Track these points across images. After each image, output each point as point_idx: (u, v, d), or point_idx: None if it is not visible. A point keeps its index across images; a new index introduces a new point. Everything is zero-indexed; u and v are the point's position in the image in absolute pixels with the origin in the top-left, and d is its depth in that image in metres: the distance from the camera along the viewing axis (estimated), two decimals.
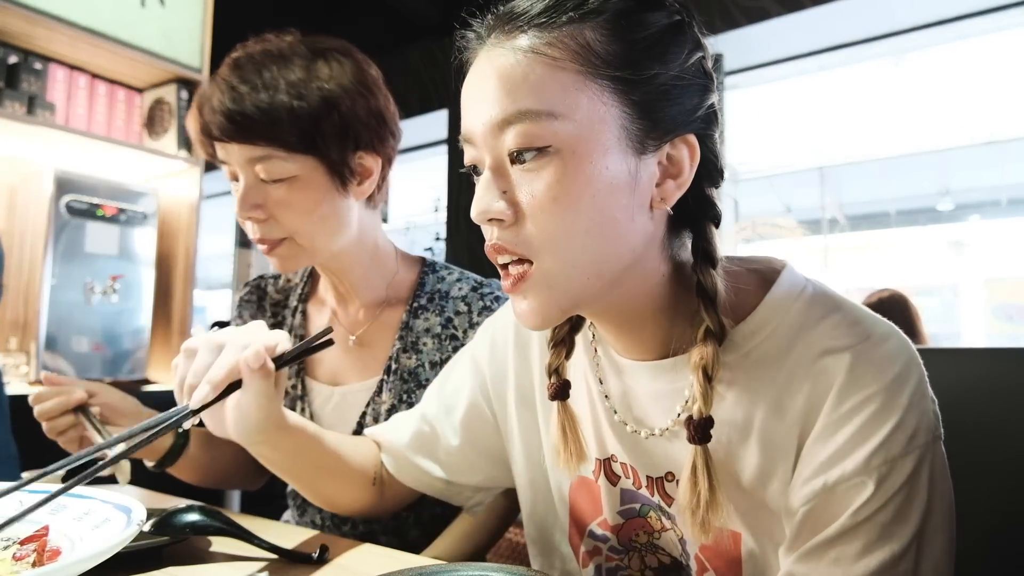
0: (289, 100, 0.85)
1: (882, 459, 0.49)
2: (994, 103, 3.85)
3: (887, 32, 2.92)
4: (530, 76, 0.52)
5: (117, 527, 0.56)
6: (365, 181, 0.94)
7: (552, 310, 0.55)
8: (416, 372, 0.99)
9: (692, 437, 0.54)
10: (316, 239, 0.91)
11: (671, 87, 0.53)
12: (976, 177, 4.87)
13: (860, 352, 0.52)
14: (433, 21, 3.84)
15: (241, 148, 0.86)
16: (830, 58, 3.13)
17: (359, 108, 0.90)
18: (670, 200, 0.55)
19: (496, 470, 0.82)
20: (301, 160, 0.87)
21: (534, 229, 0.53)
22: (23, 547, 0.54)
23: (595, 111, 0.51)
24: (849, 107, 4.06)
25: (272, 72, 0.86)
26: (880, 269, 5.32)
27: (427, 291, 1.02)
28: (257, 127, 0.84)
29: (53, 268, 2.01)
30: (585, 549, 0.72)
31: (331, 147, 0.88)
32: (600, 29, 0.52)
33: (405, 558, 0.72)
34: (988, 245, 5.04)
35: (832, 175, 4.94)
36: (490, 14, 0.57)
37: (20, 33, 1.98)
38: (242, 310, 1.13)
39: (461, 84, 0.59)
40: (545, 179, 0.52)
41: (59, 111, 2.07)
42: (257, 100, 0.84)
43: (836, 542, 0.50)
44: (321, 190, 0.89)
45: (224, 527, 0.70)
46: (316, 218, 0.89)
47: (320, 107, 0.86)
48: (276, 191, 0.87)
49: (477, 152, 0.56)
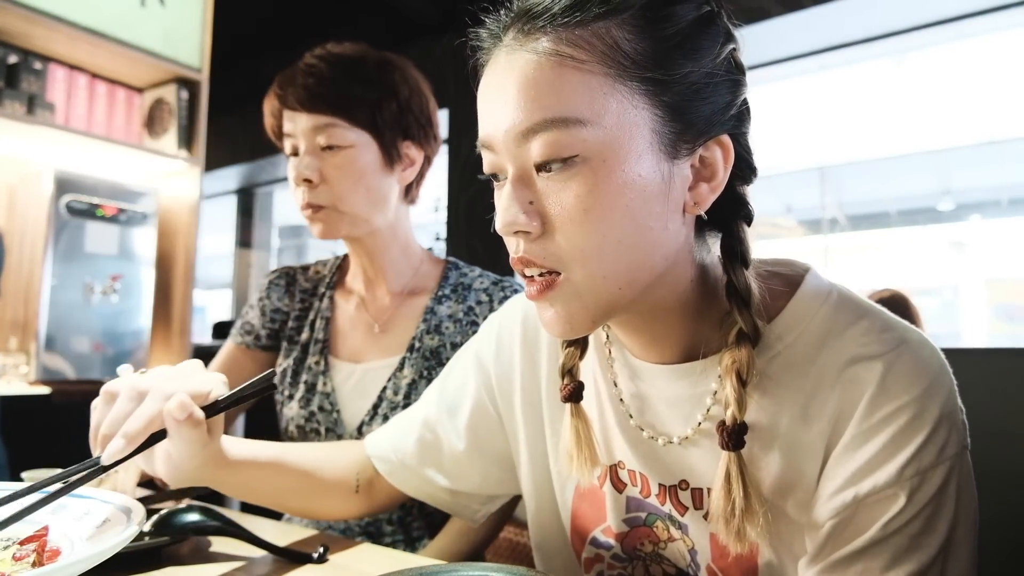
0: (358, 82, 1.00)
1: (914, 471, 0.49)
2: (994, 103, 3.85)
3: (887, 32, 2.92)
4: (555, 81, 0.49)
5: (117, 527, 0.56)
6: (408, 168, 1.07)
7: (582, 320, 0.53)
8: (438, 351, 1.06)
9: (725, 443, 0.52)
10: (357, 207, 1.01)
11: (703, 85, 0.51)
12: (976, 177, 4.87)
13: (892, 361, 0.51)
14: (433, 21, 3.83)
15: (309, 117, 0.99)
16: (830, 58, 3.13)
17: (413, 104, 1.05)
18: (704, 204, 0.53)
19: (503, 473, 0.78)
20: (358, 133, 1.00)
21: (564, 242, 0.50)
22: (23, 547, 0.54)
23: (625, 115, 0.49)
24: (849, 107, 4.05)
25: (348, 61, 1.02)
26: (880, 269, 5.32)
27: (451, 283, 1.12)
28: (330, 98, 0.99)
29: (53, 268, 2.01)
30: (586, 556, 0.70)
31: (386, 128, 1.02)
32: (627, 26, 0.49)
33: (405, 558, 0.72)
34: (989, 245, 5.03)
35: (832, 175, 4.93)
36: (505, 11, 0.54)
37: (20, 33, 1.98)
38: (270, 292, 1.18)
39: (475, 84, 0.57)
40: (574, 189, 0.49)
41: (59, 111, 2.07)
42: (333, 76, 0.99)
43: (863, 554, 0.49)
44: (372, 164, 1.01)
45: (224, 527, 0.70)
46: (362, 187, 1.01)
47: (383, 93, 1.02)
48: (333, 158, 1.00)
49: (498, 159, 0.53)
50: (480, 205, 3.61)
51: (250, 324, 1.17)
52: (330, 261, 1.24)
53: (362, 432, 1.05)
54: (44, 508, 0.61)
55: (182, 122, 2.29)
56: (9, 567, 0.52)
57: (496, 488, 0.79)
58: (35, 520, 0.59)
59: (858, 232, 5.47)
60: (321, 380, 1.10)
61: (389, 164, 1.04)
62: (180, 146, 2.29)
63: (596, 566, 0.70)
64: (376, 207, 1.04)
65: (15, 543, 0.55)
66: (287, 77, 1.02)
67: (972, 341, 5.07)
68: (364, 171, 1.01)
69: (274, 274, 1.22)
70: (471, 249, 3.63)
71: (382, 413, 1.04)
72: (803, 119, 4.13)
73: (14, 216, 2.13)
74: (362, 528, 1.05)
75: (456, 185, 3.73)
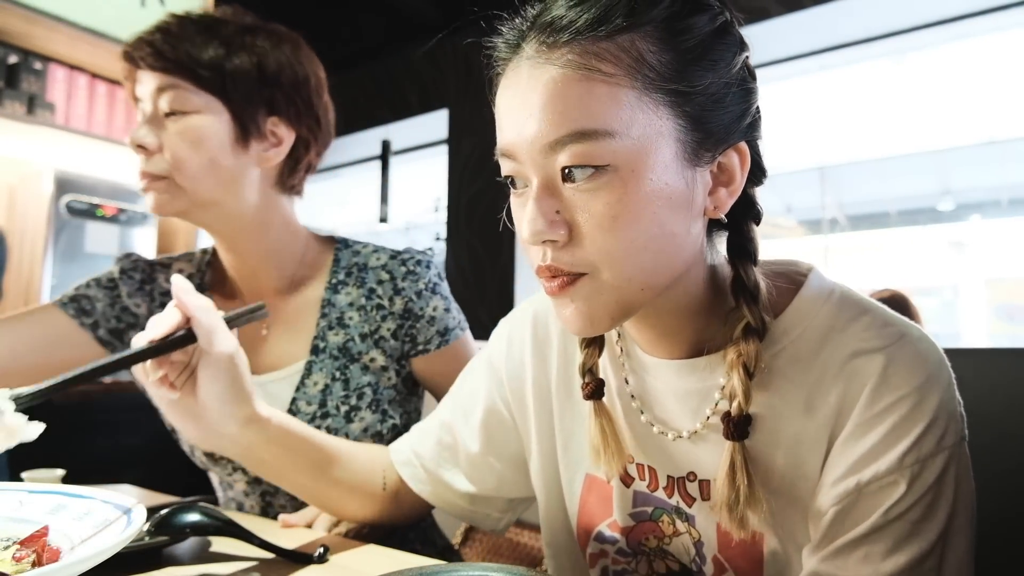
0: (209, 41, 0.88)
1: (914, 458, 0.50)
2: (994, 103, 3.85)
3: (887, 32, 2.92)
4: (584, 95, 0.49)
5: (117, 527, 0.56)
6: (272, 149, 0.93)
7: (602, 317, 0.54)
8: (347, 347, 0.96)
9: (730, 433, 0.55)
10: (197, 182, 0.88)
11: (722, 95, 0.53)
12: (976, 177, 4.86)
13: (892, 353, 0.53)
14: (433, 21, 3.83)
15: (154, 76, 0.88)
16: (830, 58, 3.13)
17: (283, 77, 0.92)
18: (723, 208, 0.55)
19: (518, 475, 0.78)
20: (207, 98, 0.88)
21: (592, 248, 0.52)
22: (23, 547, 0.54)
23: (651, 126, 0.50)
24: (849, 107, 4.05)
25: (207, 21, 0.90)
26: (880, 269, 5.32)
27: (343, 266, 1.00)
28: (172, 54, 0.87)
29: (53, 268, 2.01)
30: (591, 551, 0.71)
31: (241, 96, 0.89)
32: (650, 39, 0.50)
33: (405, 558, 0.72)
34: (989, 245, 5.03)
35: (832, 175, 4.93)
36: (521, 20, 0.55)
37: (20, 33, 1.98)
38: (122, 283, 1.00)
39: (490, 94, 0.57)
40: (603, 198, 0.50)
41: (59, 111, 2.07)
42: (180, 33, 0.88)
43: (865, 540, 0.51)
44: (219, 134, 0.89)
45: (224, 527, 0.70)
46: (204, 158, 0.88)
47: (241, 58, 0.89)
48: (174, 124, 0.88)
49: (520, 168, 0.54)
50: (480, 205, 3.61)
51: (90, 303, 0.97)
52: (196, 257, 1.06)
53: None
54: (44, 508, 0.62)
55: None
56: (9, 567, 0.52)
57: (512, 490, 0.79)
58: (35, 520, 0.59)
59: (858, 232, 5.47)
60: None
61: (244, 139, 0.90)
62: None
63: (601, 561, 0.70)
64: (222, 187, 0.90)
65: (15, 543, 0.55)
66: (138, 35, 0.90)
67: (972, 341, 5.07)
68: (206, 139, 0.87)
69: (126, 261, 1.03)
70: (471, 249, 3.63)
71: None
72: (803, 119, 4.13)
73: (14, 216, 2.14)
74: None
75: (456, 185, 3.73)
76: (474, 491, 0.78)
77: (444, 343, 0.98)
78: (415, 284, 0.97)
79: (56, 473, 0.93)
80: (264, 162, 0.93)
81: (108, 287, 1.00)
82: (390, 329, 0.96)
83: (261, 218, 0.95)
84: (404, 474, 0.81)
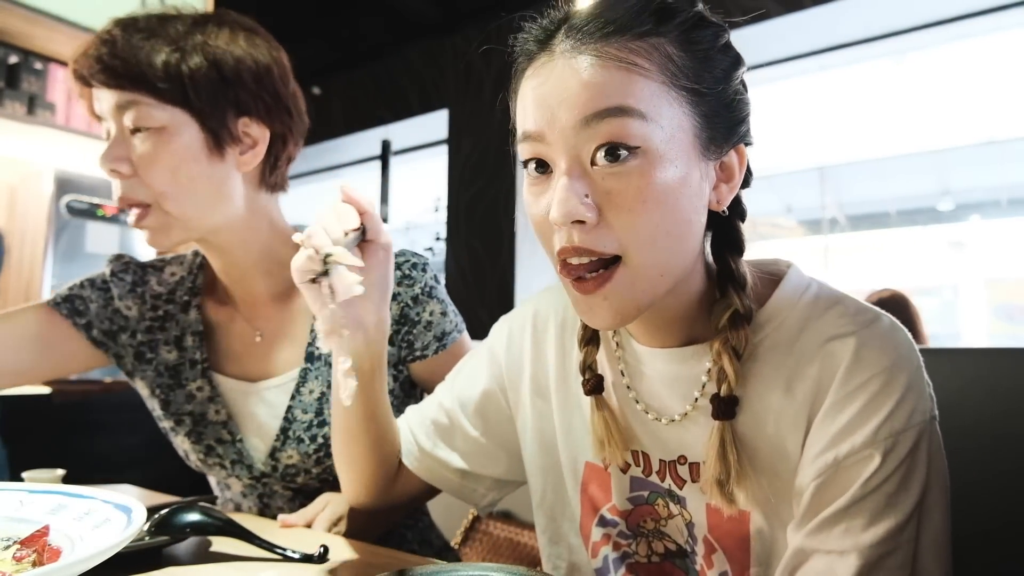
0: (161, 46, 0.83)
1: (887, 432, 0.53)
2: (994, 103, 3.85)
3: (887, 32, 2.92)
4: (622, 80, 0.53)
5: (117, 527, 0.56)
6: (249, 152, 0.89)
7: (631, 310, 0.57)
8: None
9: (718, 413, 0.59)
10: (185, 206, 0.85)
11: (729, 100, 0.58)
12: (976, 177, 4.87)
13: (864, 336, 0.57)
14: (433, 21, 3.84)
15: (111, 94, 0.83)
16: (830, 58, 3.13)
17: (245, 73, 0.86)
18: (724, 202, 0.60)
19: (512, 460, 0.82)
20: (171, 111, 0.83)
21: (621, 229, 0.54)
22: (24, 547, 0.54)
23: (676, 118, 0.55)
24: (849, 107, 4.06)
25: (153, 23, 0.84)
26: (880, 269, 5.32)
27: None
28: (123, 69, 0.81)
29: (53, 268, 2.01)
30: (594, 539, 0.73)
31: (205, 103, 0.84)
32: (676, 42, 0.55)
33: (405, 558, 0.72)
34: (988, 245, 5.04)
35: (832, 175, 4.94)
36: (550, 20, 0.58)
37: (20, 33, 1.98)
38: (114, 284, 0.98)
39: (511, 90, 0.61)
40: (634, 180, 0.53)
41: (59, 111, 2.08)
42: (127, 43, 0.82)
43: (845, 514, 0.53)
44: (191, 148, 0.84)
45: (224, 527, 0.71)
46: (183, 179, 0.84)
47: (197, 60, 0.83)
48: (142, 143, 0.83)
49: (547, 150, 0.57)
50: (480, 205, 3.61)
51: (84, 304, 0.96)
52: (187, 259, 1.04)
53: (277, 459, 0.93)
54: (45, 508, 0.62)
55: None
56: (10, 567, 0.52)
57: (504, 473, 0.82)
58: (36, 520, 0.60)
59: (858, 232, 5.48)
60: (212, 408, 0.95)
61: (218, 147, 0.86)
62: None
63: (604, 547, 0.72)
64: (209, 202, 0.86)
65: (16, 543, 0.55)
66: (83, 48, 0.83)
67: (972, 341, 5.07)
68: (180, 157, 0.83)
69: (117, 263, 1.00)
70: (471, 249, 3.63)
71: (296, 436, 0.92)
72: (803, 119, 4.14)
73: (14, 216, 2.14)
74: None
75: (456, 185, 3.73)
76: (466, 468, 0.81)
77: (442, 348, 0.97)
78: (411, 289, 0.94)
79: (56, 473, 0.93)
80: (243, 166, 0.89)
81: (102, 288, 0.99)
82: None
83: (248, 223, 0.92)
84: (401, 451, 0.83)
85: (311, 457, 0.92)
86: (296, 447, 0.92)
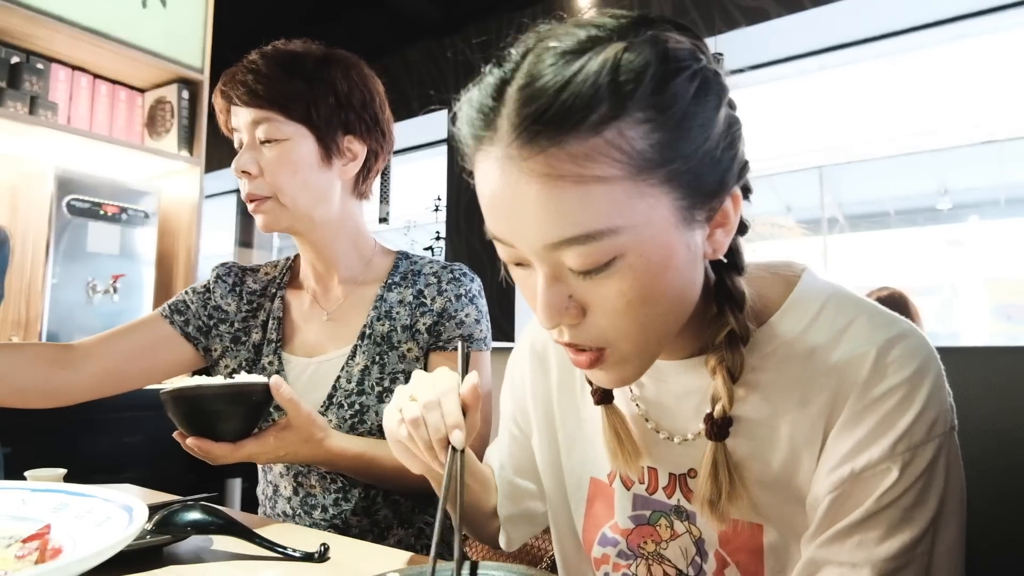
0: (294, 77, 1.02)
1: (906, 446, 0.52)
2: (993, 103, 3.85)
3: (886, 32, 2.92)
4: (581, 199, 0.47)
5: (119, 526, 0.56)
6: (350, 163, 1.08)
7: (633, 375, 0.57)
8: (389, 336, 1.08)
9: (712, 434, 0.57)
10: (298, 201, 1.03)
11: (713, 153, 0.51)
12: (975, 177, 4.87)
13: (884, 348, 0.54)
14: (433, 21, 3.84)
15: (249, 111, 1.01)
16: (830, 58, 3.13)
17: (354, 99, 1.06)
18: (722, 249, 0.56)
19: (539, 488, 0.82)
20: (295, 127, 1.02)
21: (608, 326, 0.53)
22: (25, 545, 0.54)
23: (652, 212, 0.48)
24: (849, 107, 4.05)
25: (287, 58, 1.04)
26: (879, 268, 5.32)
27: (400, 271, 1.14)
28: (265, 92, 1.00)
29: (54, 267, 2.01)
30: (595, 556, 0.72)
31: (323, 122, 1.03)
32: (637, 123, 0.47)
33: (405, 557, 0.72)
34: (987, 245, 5.03)
35: (832, 175, 4.93)
36: (492, 85, 0.50)
37: (22, 33, 1.98)
38: (216, 287, 1.16)
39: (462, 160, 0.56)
40: (615, 286, 0.50)
41: (61, 111, 2.08)
42: (270, 73, 1.01)
43: (860, 527, 0.52)
44: (308, 157, 1.03)
45: (225, 525, 0.71)
46: (299, 180, 1.02)
47: (320, 88, 1.03)
48: (270, 151, 1.02)
49: (519, 254, 0.53)
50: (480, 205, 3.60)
51: (185, 306, 1.13)
52: (280, 262, 1.24)
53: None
54: (46, 506, 0.62)
55: (183, 122, 2.29)
56: (12, 565, 0.52)
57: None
58: (37, 518, 0.60)
59: (857, 232, 5.47)
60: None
61: (327, 158, 1.05)
62: (181, 146, 2.29)
63: (603, 567, 0.71)
64: (317, 201, 1.05)
65: (17, 541, 0.55)
66: (231, 74, 1.04)
67: (971, 340, 5.07)
68: (300, 163, 1.02)
69: (222, 268, 1.19)
70: (471, 249, 3.63)
71: (337, 402, 1.05)
72: (803, 119, 4.13)
73: (16, 215, 2.14)
74: (327, 522, 1.05)
75: (456, 185, 3.73)
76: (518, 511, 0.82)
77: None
78: (456, 288, 1.09)
79: (58, 472, 0.94)
80: (344, 175, 1.08)
81: (201, 292, 1.16)
82: (426, 324, 1.07)
83: (340, 221, 1.10)
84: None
85: (347, 422, 1.04)
86: (336, 412, 1.05)
